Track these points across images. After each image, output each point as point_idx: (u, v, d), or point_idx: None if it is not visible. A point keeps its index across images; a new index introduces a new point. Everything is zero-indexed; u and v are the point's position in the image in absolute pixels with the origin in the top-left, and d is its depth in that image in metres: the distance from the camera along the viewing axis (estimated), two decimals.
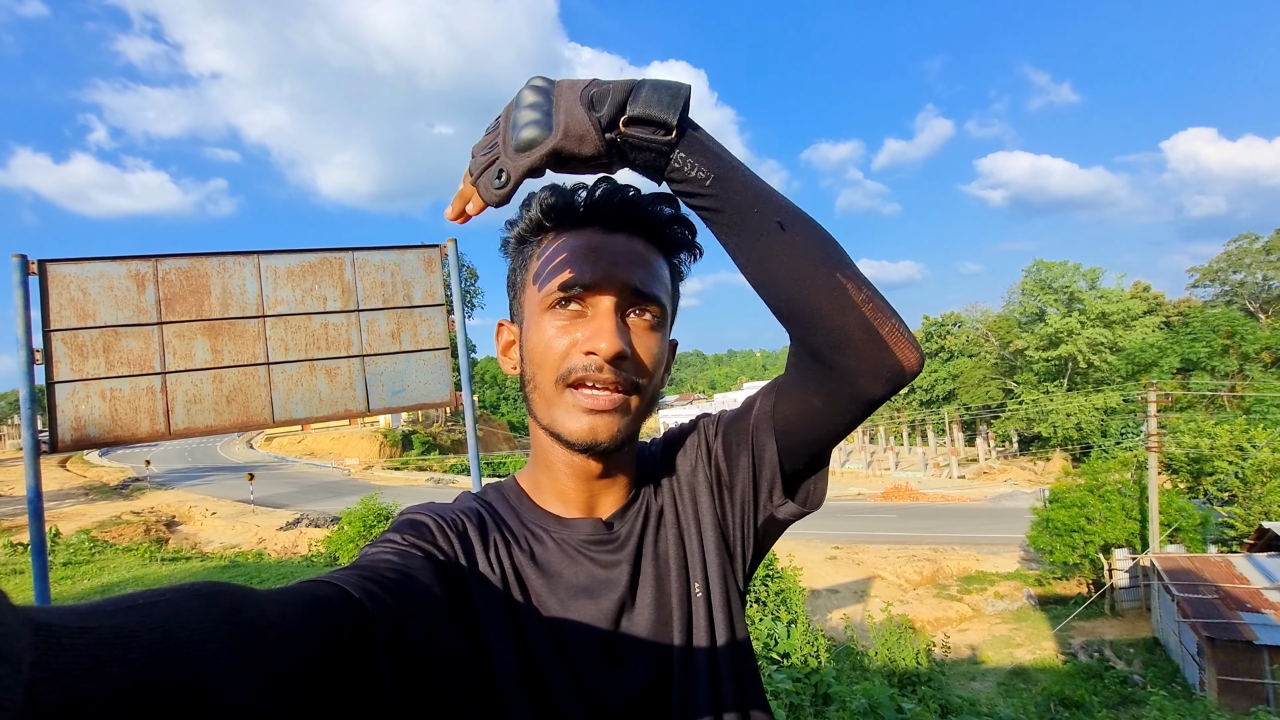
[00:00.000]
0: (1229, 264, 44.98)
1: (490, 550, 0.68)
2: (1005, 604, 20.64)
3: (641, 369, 0.69)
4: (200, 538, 24.80)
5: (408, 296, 4.32)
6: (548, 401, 0.69)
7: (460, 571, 0.64)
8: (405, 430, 49.27)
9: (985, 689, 14.09)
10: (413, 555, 0.61)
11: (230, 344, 4.01)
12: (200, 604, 0.37)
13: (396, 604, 0.52)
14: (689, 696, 0.69)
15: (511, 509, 0.75)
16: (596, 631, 0.68)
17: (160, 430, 3.93)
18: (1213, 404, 31.49)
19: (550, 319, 0.68)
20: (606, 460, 0.72)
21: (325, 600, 0.47)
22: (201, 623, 0.36)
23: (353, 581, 0.51)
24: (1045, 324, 42.90)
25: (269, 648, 0.39)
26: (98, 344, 3.86)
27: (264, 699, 0.37)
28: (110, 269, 3.89)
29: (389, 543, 0.63)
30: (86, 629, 0.30)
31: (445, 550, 0.65)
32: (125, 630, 0.32)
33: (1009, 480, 38.20)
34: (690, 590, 0.73)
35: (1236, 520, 19.85)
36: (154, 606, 0.35)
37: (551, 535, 0.72)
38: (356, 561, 0.59)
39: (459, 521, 0.69)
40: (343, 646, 0.46)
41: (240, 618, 0.39)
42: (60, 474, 38.71)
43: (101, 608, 0.33)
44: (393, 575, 0.55)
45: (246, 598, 0.41)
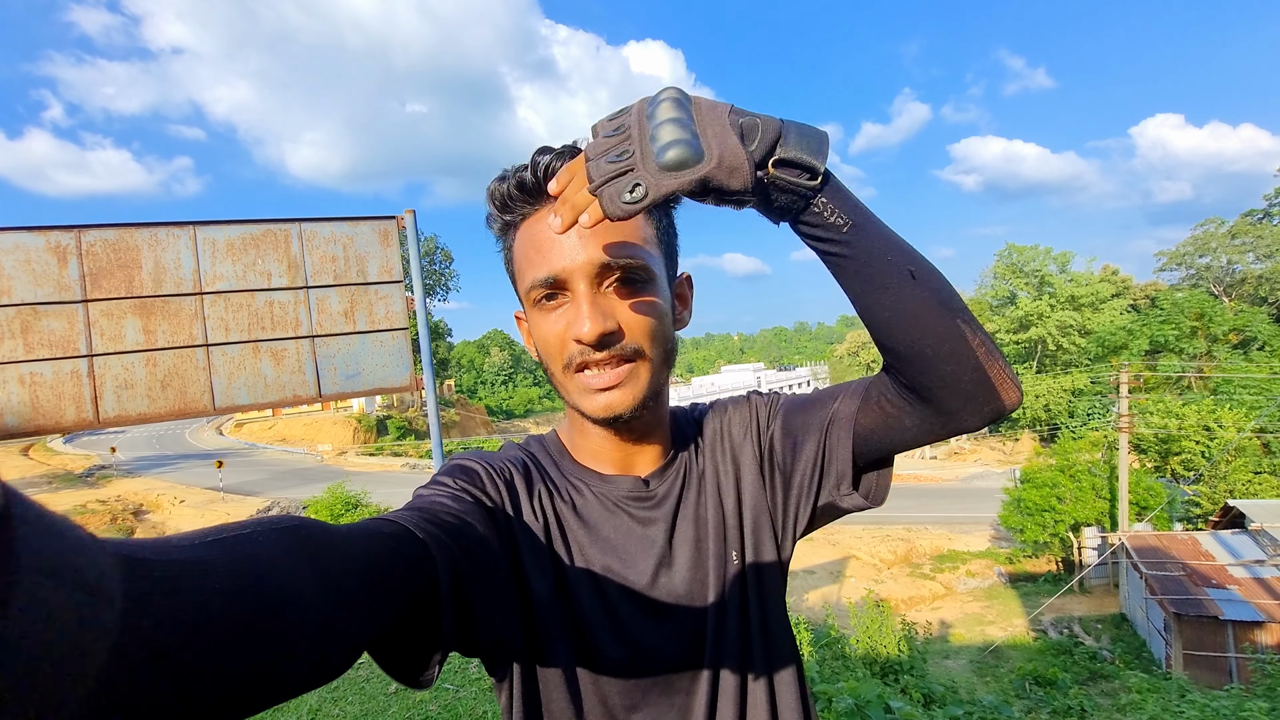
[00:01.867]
0: (1195, 248, 45.91)
1: (535, 499, 0.72)
2: (977, 582, 20.99)
3: (636, 335, 0.69)
4: (168, 526, 24.19)
5: (362, 272, 4.00)
6: (564, 387, 0.73)
7: (506, 518, 0.68)
8: (380, 415, 48.51)
9: (959, 667, 14.28)
10: (464, 500, 0.64)
11: (164, 324, 3.67)
12: (279, 537, 0.40)
13: (454, 544, 0.55)
14: (720, 656, 0.72)
15: (553, 462, 0.79)
16: (634, 583, 0.72)
17: (88, 418, 3.60)
18: (1180, 385, 32.25)
19: (539, 314, 0.71)
20: (634, 426, 0.75)
21: (392, 538, 0.51)
22: (281, 554, 0.39)
23: (415, 521, 0.54)
24: (1016, 307, 43.50)
25: (343, 579, 0.42)
26: (14, 324, 3.51)
27: (338, 624, 0.41)
28: (26, 240, 3.53)
29: (443, 486, 0.67)
30: (172, 561, 0.32)
31: (493, 496, 0.69)
32: (208, 561, 0.34)
33: (979, 460, 38.89)
34: (727, 555, 0.76)
35: (1203, 499, 20.36)
36: (236, 540, 0.37)
37: (592, 489, 0.76)
38: (413, 503, 0.63)
39: (506, 470, 0.73)
40: (407, 581, 0.49)
41: (317, 550, 0.41)
42: (22, 462, 37.47)
43: (186, 540, 0.35)
44: (449, 518, 0.59)
45: (323, 532, 0.44)
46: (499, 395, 77.32)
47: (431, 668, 0.53)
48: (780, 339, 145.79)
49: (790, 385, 69.77)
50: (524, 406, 74.98)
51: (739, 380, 64.93)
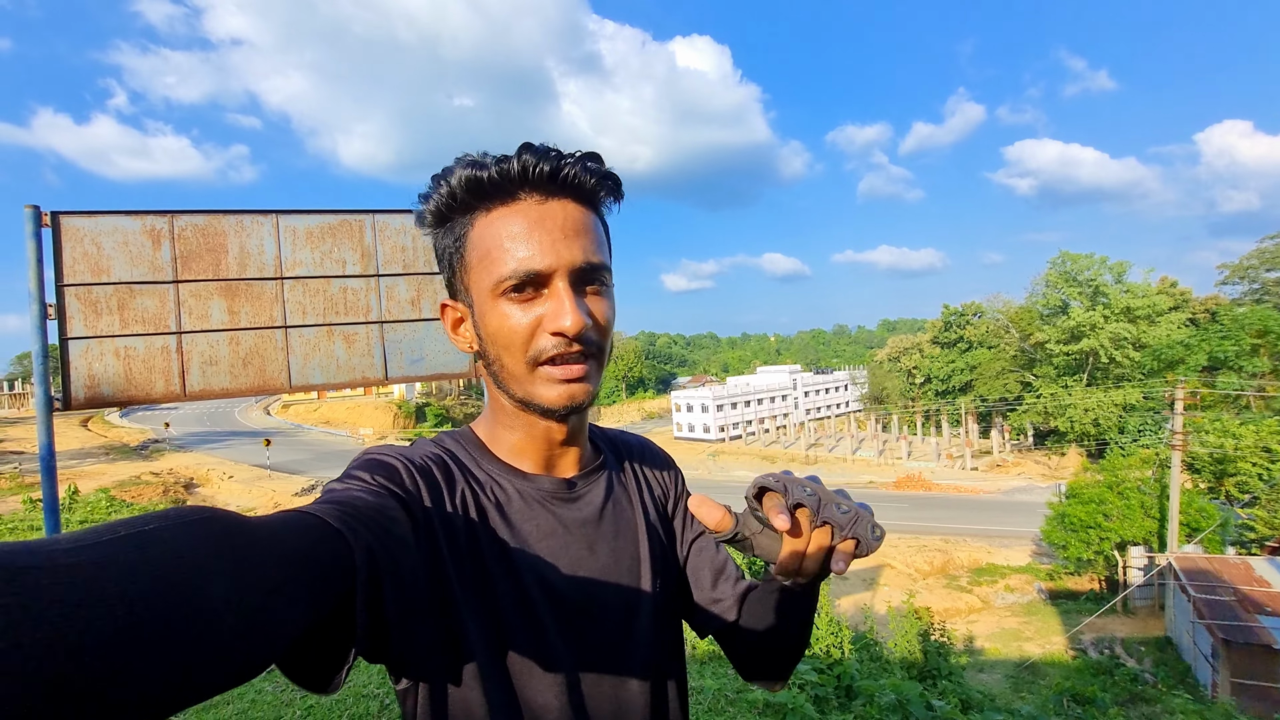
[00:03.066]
0: (1261, 261, 43.71)
1: (455, 496, 0.71)
2: (1015, 597, 20.50)
3: (602, 332, 0.73)
4: (217, 500, 25.21)
5: (429, 262, 4.17)
6: (519, 380, 0.72)
7: (425, 514, 0.66)
8: (419, 402, 49.63)
9: (993, 681, 14.01)
10: (382, 495, 0.62)
11: (247, 305, 3.89)
12: (187, 530, 0.37)
13: (371, 538, 0.53)
14: (633, 656, 0.76)
15: (472, 458, 0.77)
16: (555, 581, 0.73)
17: (175, 391, 3.84)
18: (1239, 404, 30.81)
19: (506, 304, 0.70)
20: (571, 424, 0.77)
21: (311, 529, 0.48)
22: (190, 548, 0.36)
23: (332, 514, 0.52)
24: (1068, 317, 42.08)
25: (260, 572, 0.40)
26: (112, 301, 3.76)
27: (256, 621, 0.38)
28: (125, 223, 3.78)
29: (359, 480, 0.63)
30: (60, 566, 0.29)
31: (411, 492, 0.66)
32: (103, 563, 0.31)
33: (1022, 474, 37.83)
34: (642, 561, 0.81)
35: (1258, 523, 19.47)
36: (138, 536, 0.34)
37: (514, 486, 0.76)
38: (330, 496, 0.59)
39: (425, 465, 0.71)
40: (325, 574, 0.47)
41: (230, 542, 0.39)
42: (82, 433, 39.44)
43: (81, 539, 0.32)
44: (368, 512, 0.56)
45: (236, 523, 0.41)
46: None
47: (341, 670, 0.51)
48: (818, 341, 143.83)
49: (827, 388, 68.80)
50: None
51: (774, 381, 64.32)
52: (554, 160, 0.69)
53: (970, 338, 50.79)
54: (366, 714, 3.39)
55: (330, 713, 3.44)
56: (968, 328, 51.45)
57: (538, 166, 0.68)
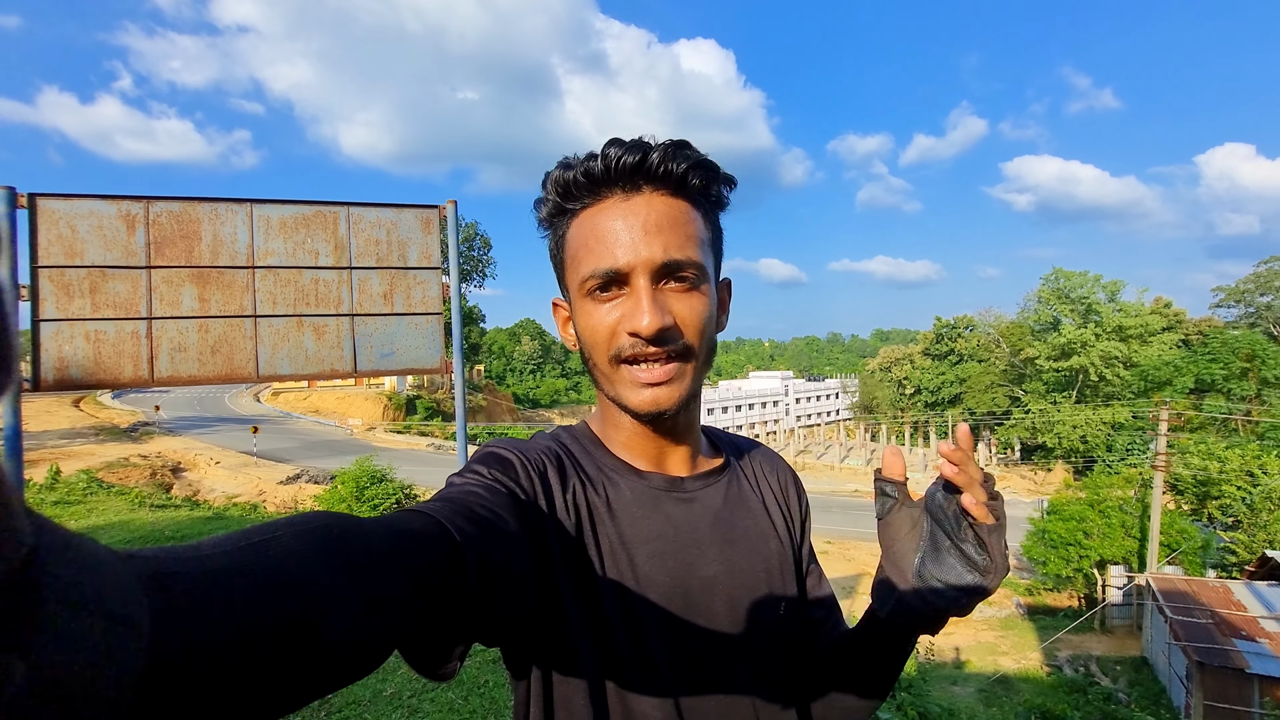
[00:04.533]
0: (1257, 285, 44.06)
1: (568, 492, 0.71)
2: (994, 611, 20.58)
3: (688, 333, 0.71)
4: (203, 485, 25.12)
5: (403, 257, 4.20)
6: (608, 378, 0.73)
7: (539, 512, 0.67)
8: (410, 394, 49.52)
9: (966, 695, 14.07)
10: (498, 491, 0.63)
11: (218, 293, 3.91)
12: (308, 538, 0.40)
13: (484, 538, 0.54)
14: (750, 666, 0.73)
15: (587, 453, 0.77)
16: (663, 582, 0.71)
17: (143, 376, 3.85)
18: (1225, 427, 31.01)
19: (592, 304, 0.71)
20: (672, 424, 0.76)
21: (423, 533, 0.50)
22: (310, 556, 0.38)
23: (446, 514, 0.53)
24: (1059, 334, 42.32)
25: (375, 579, 0.42)
26: (84, 284, 3.77)
27: (371, 623, 0.40)
28: (101, 207, 3.79)
29: (477, 475, 0.65)
30: (201, 573, 0.32)
31: (526, 489, 0.67)
32: (237, 568, 0.34)
33: (1008, 488, 37.97)
34: (762, 566, 0.78)
35: (1239, 546, 19.60)
36: (265, 544, 0.37)
37: (627, 482, 0.75)
38: (446, 493, 0.61)
39: (540, 460, 0.71)
40: (437, 576, 0.48)
41: (347, 548, 0.41)
42: (73, 413, 39.26)
43: (216, 547, 0.35)
44: (481, 510, 0.57)
45: (353, 530, 0.43)
46: (527, 383, 78.17)
47: (453, 660, 0.53)
48: (812, 348, 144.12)
49: (819, 396, 68.96)
50: (550, 397, 75.70)
51: (766, 387, 64.44)
52: (637, 153, 0.68)
53: (961, 350, 51.01)
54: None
55: None
56: (959, 340, 51.69)
57: (620, 160, 0.68)
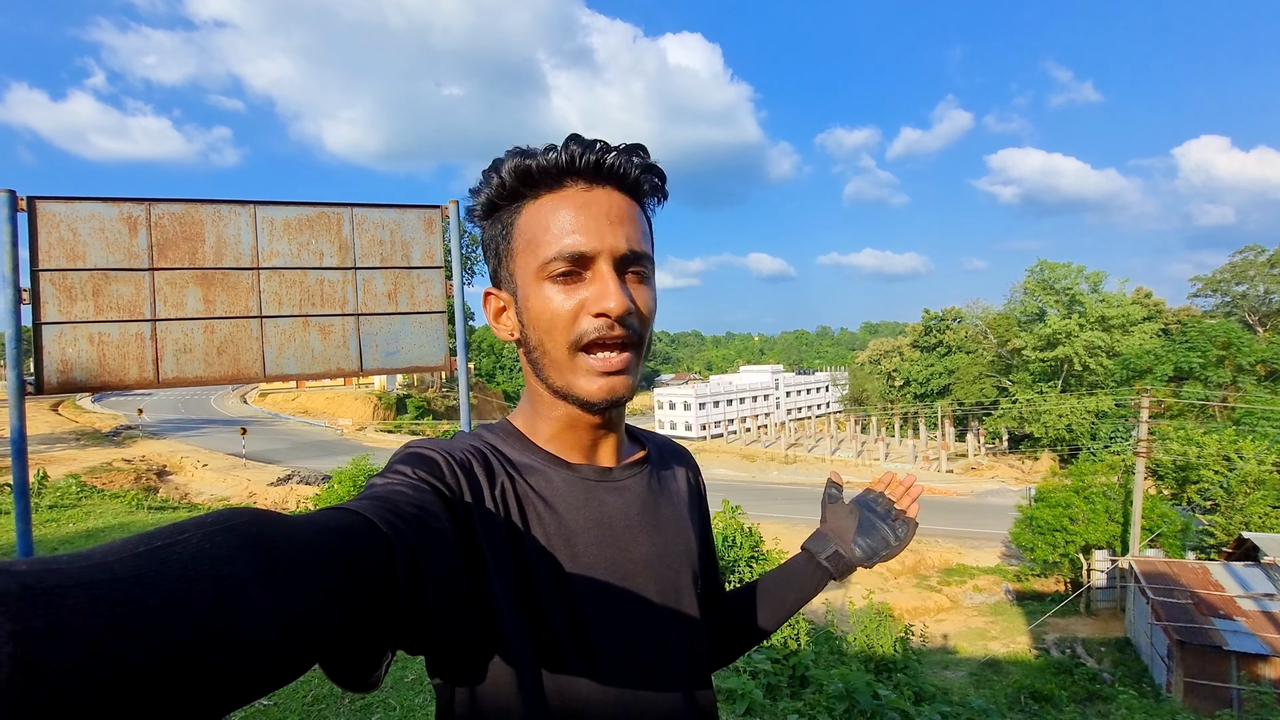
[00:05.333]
0: (1232, 275, 44.90)
1: (496, 489, 0.70)
2: (983, 597, 20.95)
3: (643, 321, 0.73)
4: (191, 488, 24.87)
5: (406, 257, 4.25)
6: (560, 367, 0.72)
7: (466, 509, 0.65)
8: (400, 394, 49.29)
9: (958, 678, 14.34)
10: (423, 490, 0.61)
11: (223, 295, 3.94)
12: (221, 538, 0.37)
13: (413, 535, 0.52)
14: (672, 650, 0.76)
15: (514, 449, 0.77)
16: (600, 571, 0.72)
17: (149, 378, 3.88)
18: (1203, 413, 31.65)
19: (551, 287, 0.71)
20: (611, 415, 0.77)
21: (351, 529, 0.48)
22: (224, 557, 0.35)
23: (374, 510, 0.51)
24: (1044, 324, 42.91)
25: (298, 576, 0.39)
26: (87, 287, 3.79)
27: (293, 628, 0.37)
28: (102, 210, 3.80)
29: (400, 475, 0.63)
30: (84, 584, 0.28)
31: (452, 487, 0.65)
32: (133, 577, 0.30)
33: (996, 477, 38.53)
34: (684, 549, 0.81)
35: (1217, 529, 20.07)
36: (172, 547, 0.34)
37: (557, 475, 0.75)
38: (371, 492, 0.59)
39: (465, 459, 0.69)
40: (367, 574, 0.46)
41: (265, 547, 0.38)
42: (52, 418, 38.66)
43: (110, 553, 0.32)
44: (408, 508, 0.55)
45: (273, 526, 0.41)
46: (516, 381, 77.99)
47: (380, 667, 0.50)
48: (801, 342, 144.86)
49: (809, 389, 69.41)
50: None
51: (756, 380, 64.74)
52: (600, 151, 0.71)
53: (949, 342, 51.55)
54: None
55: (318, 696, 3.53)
56: (947, 332, 52.23)
57: (584, 156, 0.70)
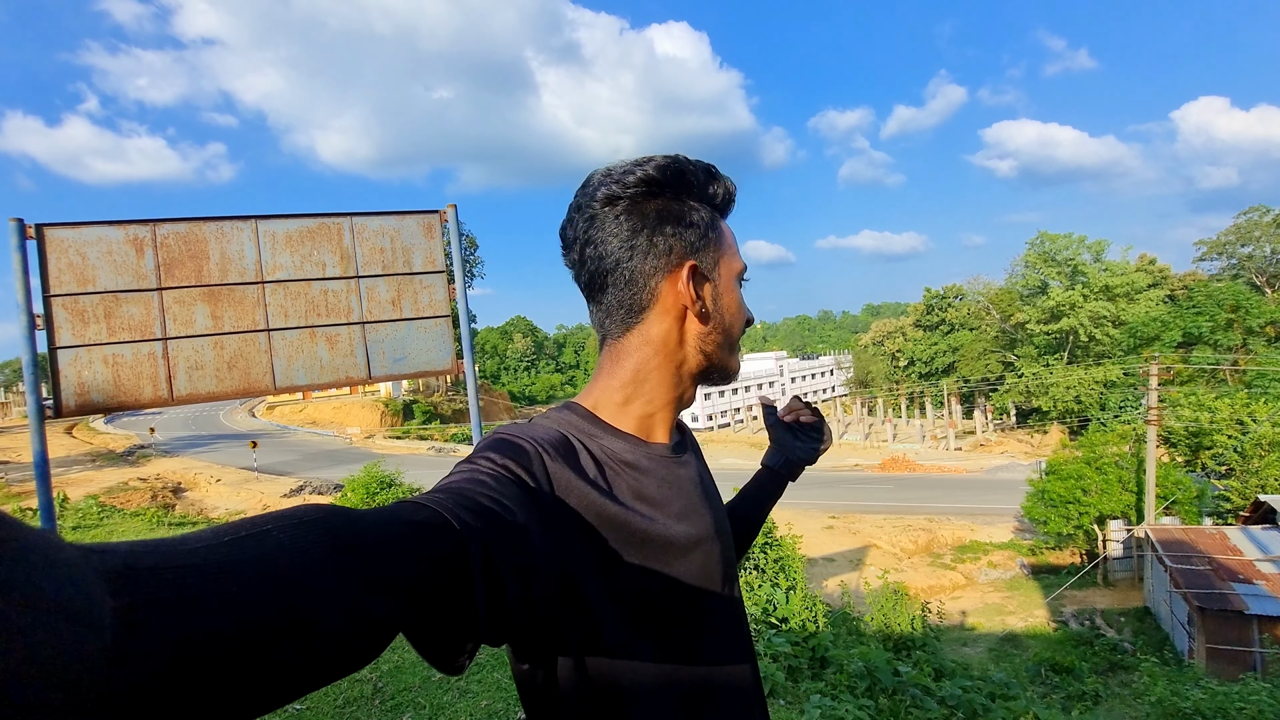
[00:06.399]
0: (1238, 237, 44.55)
1: (582, 471, 0.71)
2: (998, 573, 20.96)
3: None
4: (206, 503, 25.08)
5: (408, 263, 4.28)
6: (732, 348, 0.84)
7: (553, 496, 0.66)
8: (406, 399, 49.47)
9: (977, 654, 14.39)
10: (505, 480, 0.62)
11: (230, 310, 3.99)
12: (301, 531, 0.39)
13: (488, 530, 0.53)
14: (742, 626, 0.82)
15: (591, 431, 0.77)
16: (685, 542, 0.75)
17: (163, 396, 3.93)
18: (1214, 378, 31.50)
19: (739, 290, 0.85)
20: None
21: (423, 525, 0.49)
22: (303, 549, 0.38)
23: (448, 505, 0.52)
24: (1047, 297, 42.70)
25: (373, 572, 0.41)
26: (98, 309, 3.84)
27: (365, 619, 0.40)
28: (108, 233, 3.85)
29: (487, 461, 0.64)
30: (181, 567, 0.31)
31: (538, 474, 0.66)
32: (222, 562, 0.33)
33: (1005, 452, 38.45)
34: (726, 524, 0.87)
35: (1233, 493, 20.00)
36: (254, 538, 0.36)
37: (640, 450, 0.77)
38: (450, 481, 0.60)
39: (551, 444, 0.71)
40: (438, 570, 0.48)
41: (342, 542, 0.41)
42: (67, 441, 39.01)
43: (201, 540, 0.34)
44: (486, 500, 0.56)
45: (347, 522, 0.43)
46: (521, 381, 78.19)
47: (464, 654, 0.53)
48: (804, 327, 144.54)
49: (814, 374, 69.31)
50: (546, 392, 75.74)
51: (761, 368, 64.68)
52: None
53: (952, 320, 51.37)
54: (360, 696, 3.54)
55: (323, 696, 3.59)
56: (949, 310, 52.04)
57: (733, 200, 0.87)
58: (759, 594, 5.05)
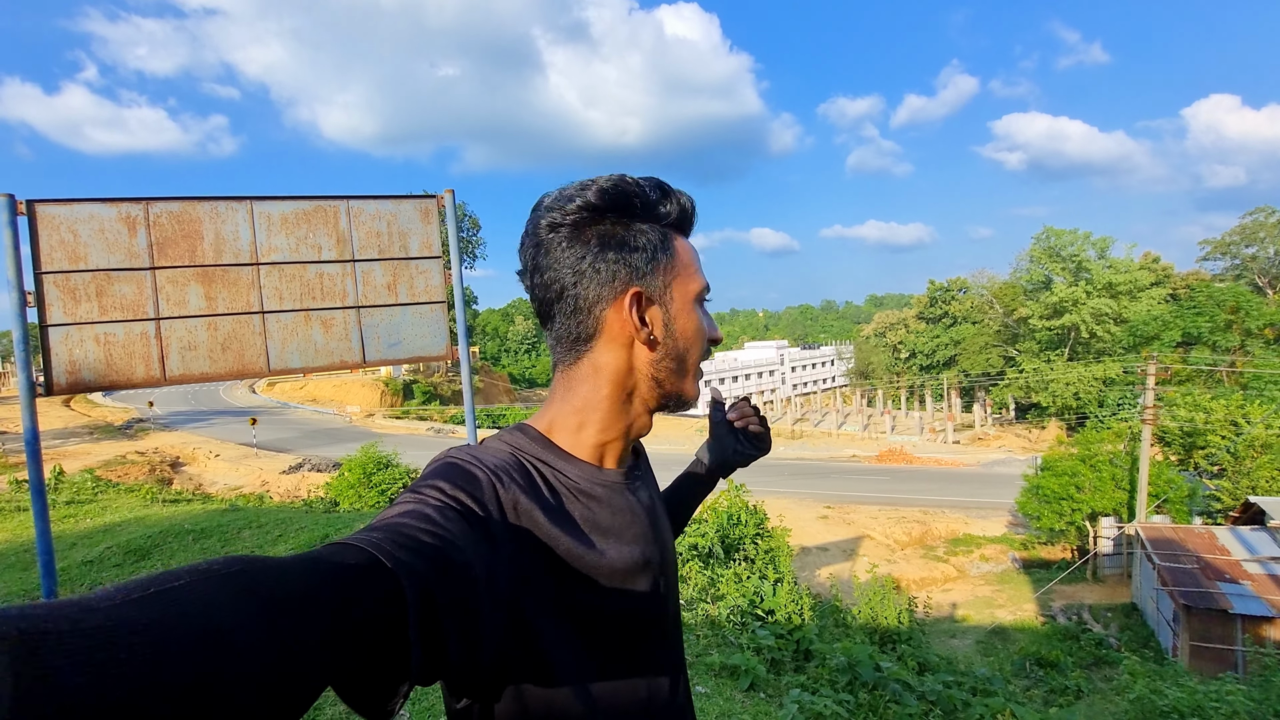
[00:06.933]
0: (1243, 237, 44.35)
1: (535, 499, 0.69)
2: (990, 566, 21.12)
3: None
4: (204, 479, 25.23)
5: (404, 248, 4.26)
6: (688, 375, 0.81)
7: (507, 529, 0.65)
8: (406, 380, 49.54)
9: (964, 646, 14.54)
10: (452, 513, 0.60)
11: (224, 291, 3.97)
12: (219, 584, 0.37)
13: (431, 569, 0.52)
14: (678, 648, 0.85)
15: (544, 457, 0.76)
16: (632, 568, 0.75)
17: (155, 376, 3.93)
18: (1211, 378, 31.52)
19: (699, 310, 0.81)
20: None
21: (351, 568, 0.47)
22: (221, 606, 0.36)
23: (382, 546, 0.50)
24: (1051, 293, 42.59)
25: (293, 624, 0.39)
26: (90, 287, 3.82)
27: (291, 674, 0.38)
28: (100, 211, 3.83)
29: (435, 491, 0.62)
30: (83, 631, 0.29)
31: (490, 505, 0.64)
32: (130, 624, 0.31)
33: (1003, 447, 38.56)
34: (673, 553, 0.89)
35: (1224, 494, 20.10)
36: (168, 593, 0.35)
37: (595, 477, 0.77)
38: (390, 518, 0.57)
39: (503, 469, 0.69)
40: (370, 617, 0.46)
41: (260, 594, 0.39)
42: (65, 413, 39.12)
43: (105, 599, 0.32)
44: (428, 538, 0.54)
45: (264, 571, 0.41)
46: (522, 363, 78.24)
47: (397, 699, 0.51)
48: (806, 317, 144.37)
49: (814, 364, 69.32)
50: (546, 375, 75.78)
51: (761, 356, 64.69)
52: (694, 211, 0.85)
53: (955, 313, 51.30)
54: None
55: None
56: (953, 303, 51.95)
57: (693, 216, 0.85)
58: (746, 586, 5.09)
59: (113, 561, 6.07)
